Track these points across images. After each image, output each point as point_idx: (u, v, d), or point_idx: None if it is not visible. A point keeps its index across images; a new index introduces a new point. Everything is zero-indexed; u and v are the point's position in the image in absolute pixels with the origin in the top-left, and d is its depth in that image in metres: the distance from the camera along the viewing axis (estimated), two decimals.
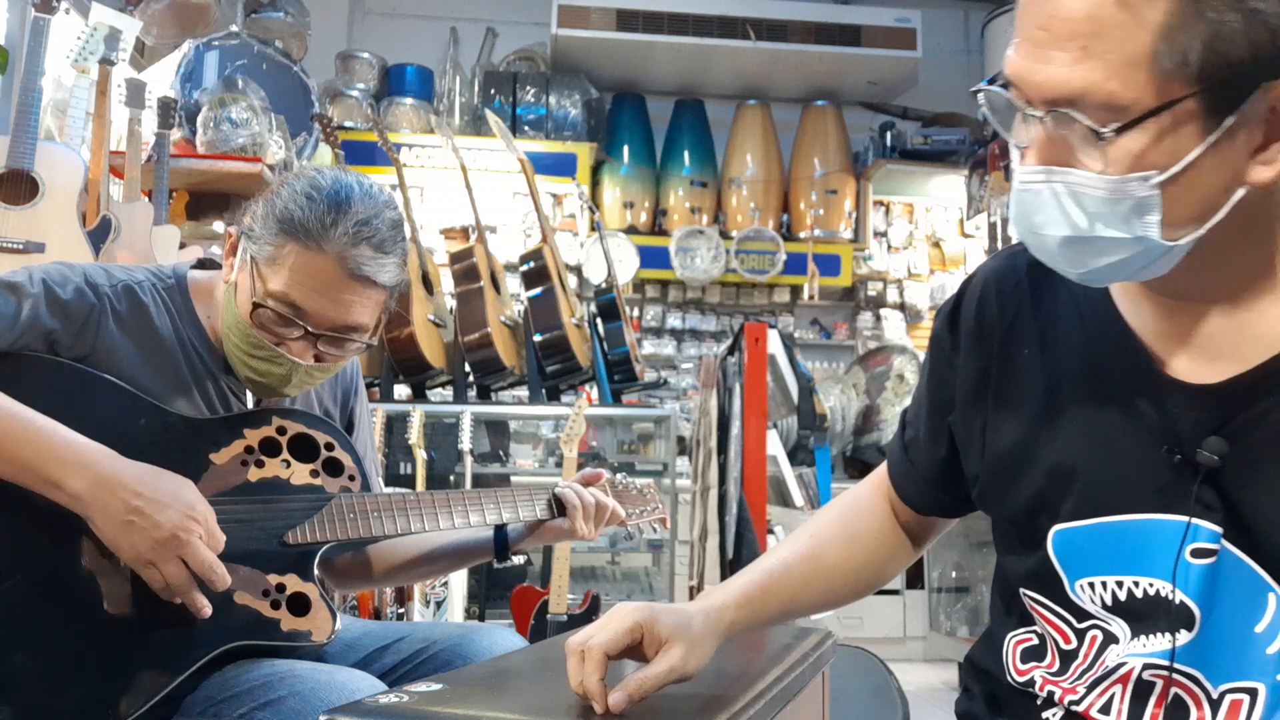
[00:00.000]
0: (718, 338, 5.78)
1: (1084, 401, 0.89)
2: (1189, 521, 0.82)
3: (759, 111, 5.76)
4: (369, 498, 1.35)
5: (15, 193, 2.25)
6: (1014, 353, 0.94)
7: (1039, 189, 0.78)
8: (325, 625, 1.27)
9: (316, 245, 1.24)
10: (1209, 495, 0.82)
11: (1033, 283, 0.94)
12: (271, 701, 1.12)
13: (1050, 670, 0.92)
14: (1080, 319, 0.90)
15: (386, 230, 1.28)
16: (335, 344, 1.30)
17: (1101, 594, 0.88)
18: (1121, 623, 0.87)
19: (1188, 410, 0.83)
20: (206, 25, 3.65)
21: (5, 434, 1.12)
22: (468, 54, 5.60)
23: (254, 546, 1.25)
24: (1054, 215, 0.78)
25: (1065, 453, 0.89)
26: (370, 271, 1.26)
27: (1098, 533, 0.87)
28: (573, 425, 2.88)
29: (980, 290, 0.99)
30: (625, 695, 0.84)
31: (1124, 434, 0.86)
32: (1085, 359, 0.89)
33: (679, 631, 0.88)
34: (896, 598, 4.93)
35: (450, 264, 3.57)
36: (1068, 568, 0.90)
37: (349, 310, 1.28)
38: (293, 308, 1.26)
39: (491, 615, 3.33)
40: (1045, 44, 0.74)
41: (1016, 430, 0.93)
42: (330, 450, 1.35)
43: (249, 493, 1.26)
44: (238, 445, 1.29)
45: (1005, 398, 0.94)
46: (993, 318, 0.96)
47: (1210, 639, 0.83)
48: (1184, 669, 0.84)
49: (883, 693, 2.53)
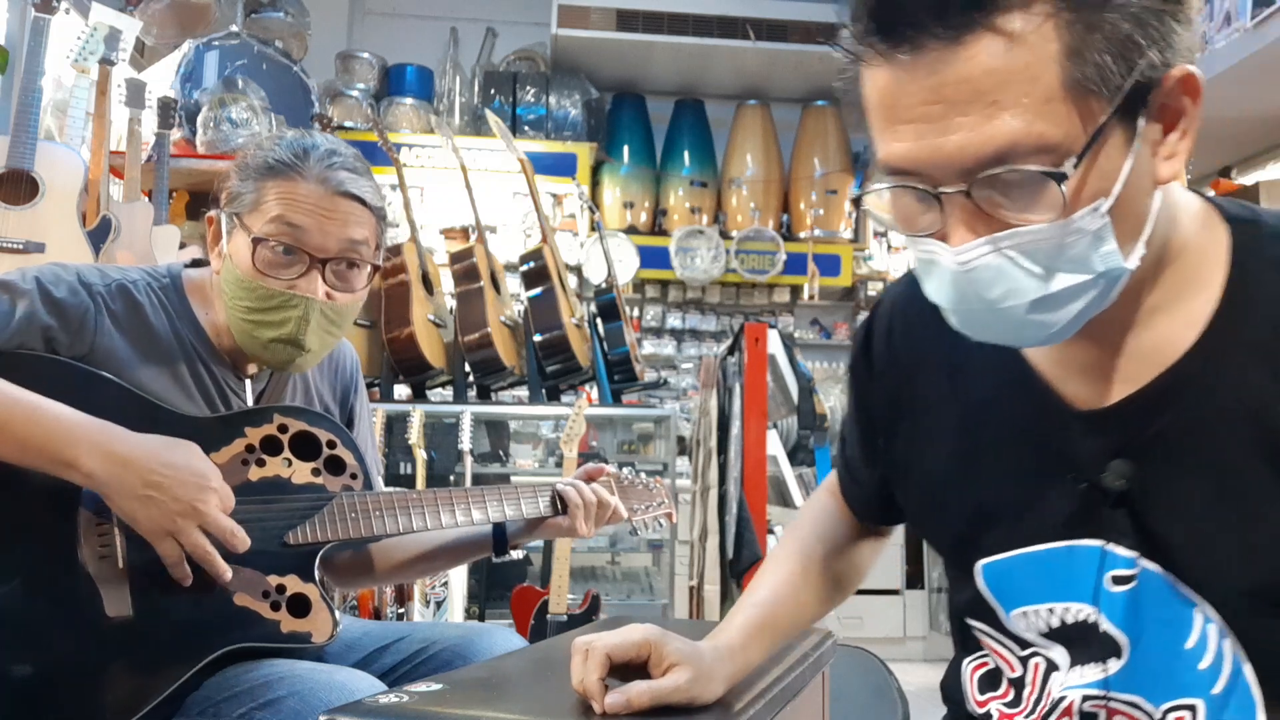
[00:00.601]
0: (718, 338, 5.78)
1: (993, 434, 0.87)
2: (1103, 548, 0.81)
3: (759, 111, 5.76)
4: (370, 496, 1.35)
5: (15, 193, 2.25)
6: (925, 385, 0.93)
7: (986, 262, 0.71)
8: (325, 626, 1.27)
9: (296, 174, 1.28)
10: (1121, 520, 0.81)
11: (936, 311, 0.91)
12: (271, 701, 1.12)
13: (1005, 701, 0.92)
14: (983, 351, 0.86)
15: (354, 160, 1.34)
16: (342, 269, 1.31)
17: (1036, 622, 0.87)
18: (1061, 649, 0.86)
19: (1086, 436, 0.82)
20: (206, 25, 3.65)
21: (13, 417, 1.13)
22: (468, 54, 5.60)
23: (254, 547, 1.24)
24: (1014, 282, 0.71)
25: (982, 486, 0.88)
26: (353, 188, 1.30)
27: (1022, 563, 0.86)
28: (573, 425, 2.88)
29: (888, 320, 0.97)
30: (625, 700, 0.83)
31: (1033, 465, 0.85)
32: (992, 389, 0.88)
33: (689, 657, 0.87)
34: (896, 598, 4.93)
35: (450, 264, 3.57)
36: (1001, 598, 0.89)
37: (344, 225, 1.29)
38: (290, 229, 1.27)
39: (491, 615, 3.33)
40: (943, 116, 0.68)
41: (935, 464, 0.92)
42: (332, 448, 1.34)
43: (250, 492, 1.26)
44: (238, 444, 1.28)
45: (921, 430, 0.93)
46: (901, 349, 0.95)
47: (1144, 662, 0.82)
48: (1122, 696, 0.83)
49: (883, 693, 2.53)
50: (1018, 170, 0.68)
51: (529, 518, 1.49)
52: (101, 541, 1.20)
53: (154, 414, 1.24)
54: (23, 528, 1.18)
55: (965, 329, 0.77)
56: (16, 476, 1.16)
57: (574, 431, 2.87)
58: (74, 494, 1.19)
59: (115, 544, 1.20)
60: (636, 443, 4.81)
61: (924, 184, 0.72)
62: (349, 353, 1.54)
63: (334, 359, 1.51)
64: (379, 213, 1.35)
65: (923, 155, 0.70)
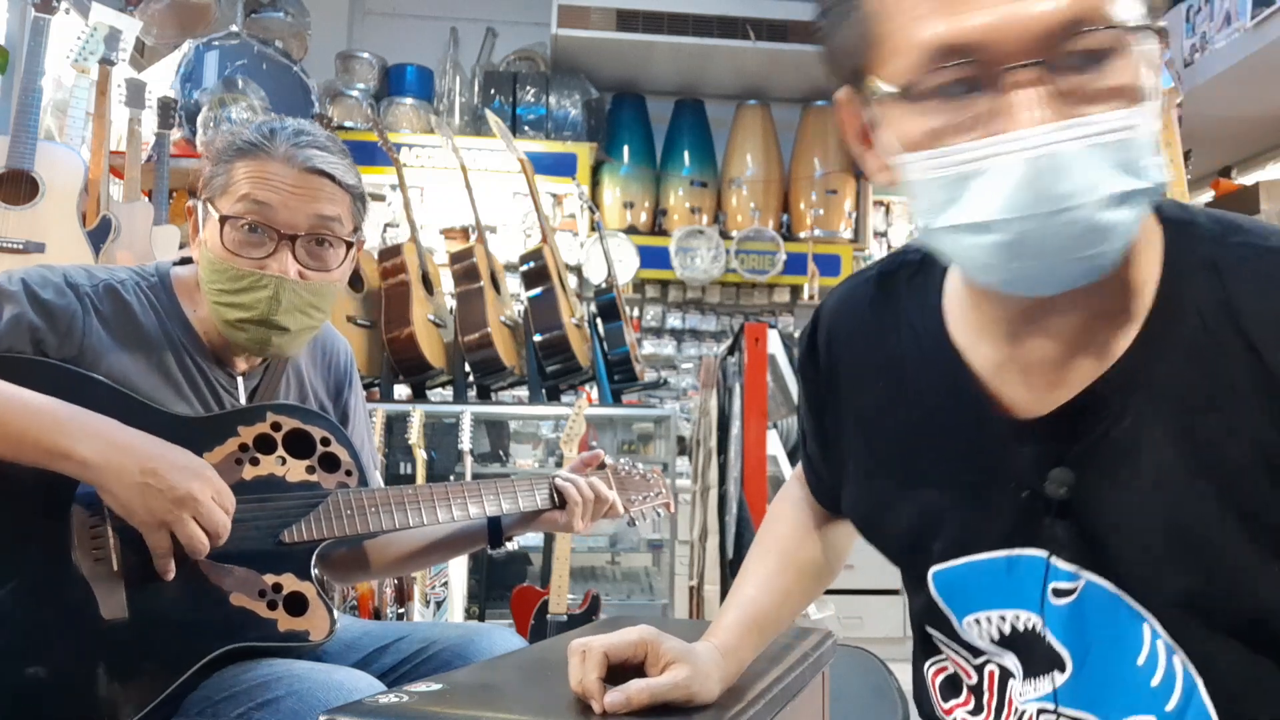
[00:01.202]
0: (718, 338, 5.78)
1: (934, 443, 0.85)
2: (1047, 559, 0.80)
3: (759, 111, 5.76)
4: (366, 493, 1.35)
5: (15, 193, 2.25)
6: (865, 394, 0.91)
7: (1063, 148, 0.65)
8: (323, 624, 1.27)
9: (264, 153, 1.28)
10: (1062, 530, 0.79)
11: (876, 317, 0.89)
12: (270, 701, 1.12)
13: (968, 709, 0.91)
14: (922, 360, 0.85)
15: (326, 139, 1.32)
16: (313, 246, 1.29)
17: (988, 629, 0.86)
18: (1013, 656, 0.85)
19: (1026, 444, 0.80)
20: (206, 25, 3.65)
21: (7, 410, 1.12)
22: (468, 54, 5.60)
23: (250, 546, 1.25)
24: (1094, 173, 0.65)
25: (925, 495, 0.87)
26: (320, 164, 1.29)
27: (970, 570, 0.85)
28: (573, 425, 2.88)
29: (828, 329, 0.95)
30: (625, 698, 0.83)
31: (975, 474, 0.83)
32: (931, 397, 0.85)
33: (686, 655, 0.88)
34: (896, 598, 4.92)
35: (450, 264, 3.57)
36: (952, 605, 0.88)
37: (313, 200, 1.28)
38: (257, 206, 1.26)
39: (491, 615, 3.33)
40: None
41: (879, 473, 0.91)
42: (326, 445, 1.34)
43: (244, 491, 1.26)
44: (231, 443, 1.28)
45: (864, 439, 0.92)
46: (841, 357, 0.93)
47: (1092, 678, 0.80)
48: (1070, 711, 0.81)
49: (883, 693, 2.53)
50: (1113, 27, 0.65)
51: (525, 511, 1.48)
52: (95, 544, 1.20)
53: (145, 414, 1.24)
54: (15, 531, 1.18)
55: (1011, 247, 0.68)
56: (7, 479, 1.16)
57: (574, 431, 2.87)
58: (67, 496, 1.19)
59: (109, 545, 1.20)
60: (636, 443, 4.81)
61: (987, 63, 0.66)
62: (343, 347, 1.54)
63: (327, 353, 1.50)
64: (353, 190, 1.34)
65: (989, 25, 0.65)
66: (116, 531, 1.19)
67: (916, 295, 0.88)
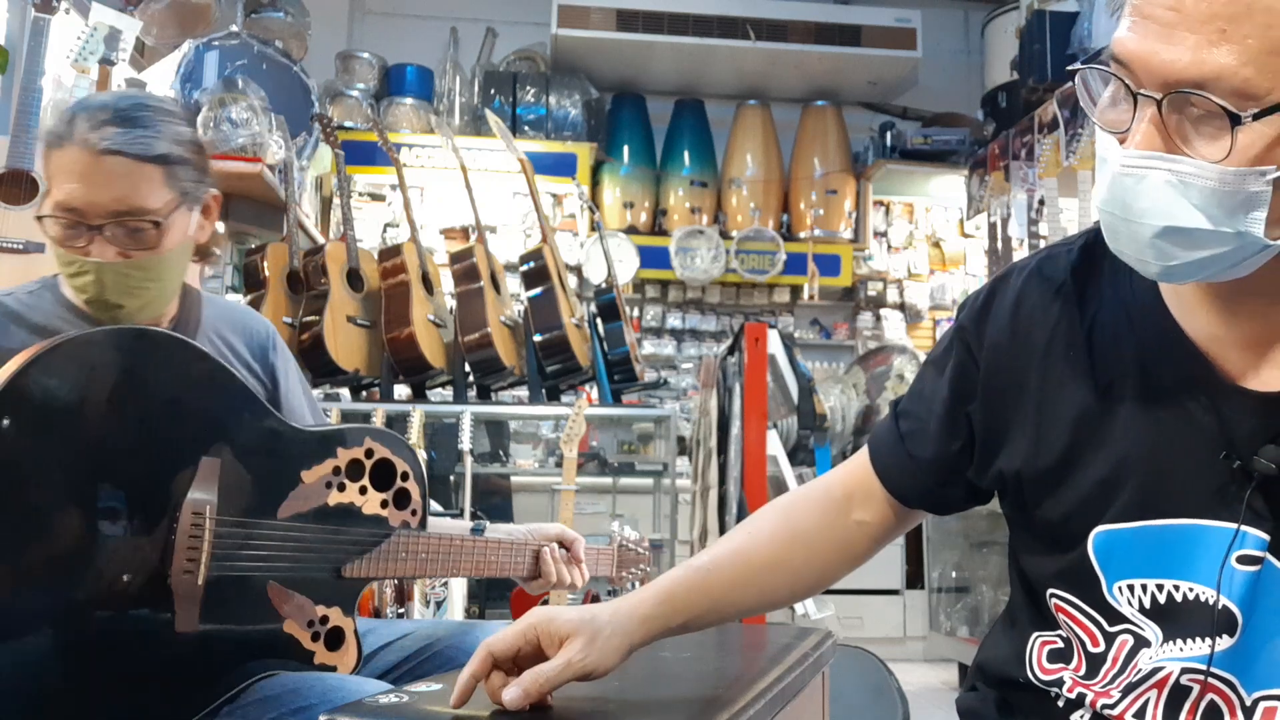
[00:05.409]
0: (718, 338, 5.78)
1: (1135, 405, 0.86)
2: (1238, 528, 0.81)
3: (759, 111, 5.76)
4: (422, 538, 1.36)
5: (15, 193, 2.25)
6: (1059, 358, 0.91)
7: (1144, 174, 0.74)
8: (350, 661, 1.27)
9: (63, 142, 1.27)
10: (1260, 504, 0.81)
11: (1077, 285, 0.91)
12: (268, 700, 1.12)
13: (1078, 673, 0.90)
14: (1130, 322, 0.88)
15: (135, 110, 1.29)
16: (121, 231, 1.29)
17: (1140, 596, 0.86)
18: (1155, 627, 0.86)
19: (1245, 416, 0.81)
20: (206, 25, 3.65)
21: None
22: (468, 54, 5.60)
23: (313, 574, 1.25)
24: (1159, 203, 0.74)
25: (1116, 456, 0.87)
26: (117, 144, 1.26)
27: (1142, 535, 0.85)
28: (573, 425, 2.88)
29: (1018, 292, 0.94)
30: (522, 691, 0.81)
31: (1177, 437, 0.84)
32: (1136, 362, 0.87)
33: (580, 627, 0.85)
34: (896, 598, 4.93)
35: (450, 264, 3.57)
36: (1107, 569, 0.88)
37: (108, 186, 1.26)
38: (61, 200, 1.27)
39: (491, 615, 3.33)
40: (1174, 25, 0.71)
41: (1064, 436, 0.90)
42: (404, 480, 1.35)
43: (323, 518, 1.26)
44: (328, 464, 1.28)
45: (1050, 403, 0.91)
46: (1032, 322, 0.93)
47: (1249, 646, 0.82)
48: (1221, 674, 0.83)
49: (883, 693, 2.53)
50: (1205, 98, 0.71)
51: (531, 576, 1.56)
52: (189, 555, 1.16)
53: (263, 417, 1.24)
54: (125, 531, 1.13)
55: (1106, 229, 0.80)
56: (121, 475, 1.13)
57: (574, 431, 2.87)
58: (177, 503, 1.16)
59: (201, 560, 1.16)
60: (636, 443, 4.81)
61: (1131, 80, 0.75)
62: (255, 317, 1.53)
63: (238, 322, 1.49)
64: (166, 158, 1.30)
65: (1141, 54, 0.73)
66: (211, 546, 1.16)
67: None
